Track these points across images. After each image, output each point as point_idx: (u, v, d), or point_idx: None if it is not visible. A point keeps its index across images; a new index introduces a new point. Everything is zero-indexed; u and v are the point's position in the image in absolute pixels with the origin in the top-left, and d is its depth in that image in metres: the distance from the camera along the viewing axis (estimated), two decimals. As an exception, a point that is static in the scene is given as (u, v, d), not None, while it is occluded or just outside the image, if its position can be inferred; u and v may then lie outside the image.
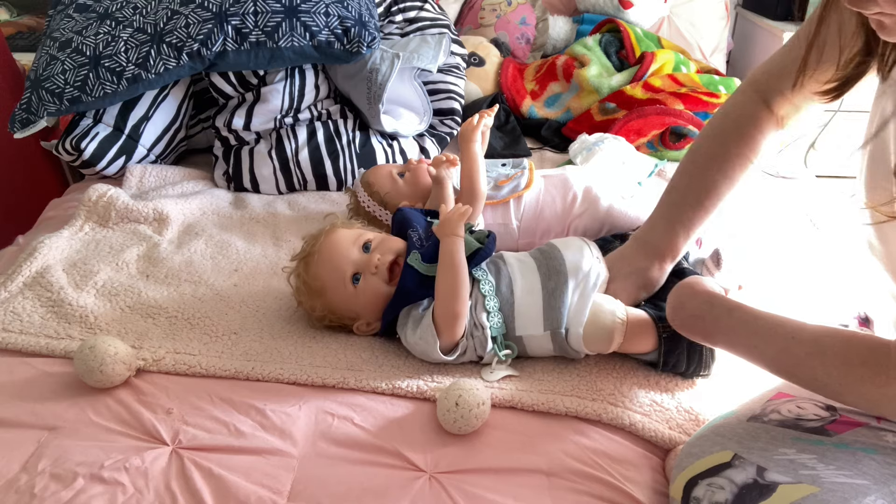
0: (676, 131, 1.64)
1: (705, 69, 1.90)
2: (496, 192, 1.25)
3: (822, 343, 0.72)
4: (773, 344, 0.75)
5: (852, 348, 0.70)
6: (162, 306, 1.08)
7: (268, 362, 0.96)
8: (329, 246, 1.01)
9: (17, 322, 1.02)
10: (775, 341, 0.75)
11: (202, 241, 1.29)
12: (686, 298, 0.87)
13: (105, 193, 1.33)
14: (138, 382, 0.92)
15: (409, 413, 0.88)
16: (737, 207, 1.39)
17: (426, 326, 0.93)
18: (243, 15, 1.42)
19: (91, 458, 0.80)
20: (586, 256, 0.99)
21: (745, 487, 0.69)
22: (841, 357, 0.70)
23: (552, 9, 2.22)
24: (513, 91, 1.86)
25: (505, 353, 0.95)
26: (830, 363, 0.70)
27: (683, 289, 0.88)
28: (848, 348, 0.70)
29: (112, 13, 1.45)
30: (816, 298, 1.12)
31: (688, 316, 0.85)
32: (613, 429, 0.87)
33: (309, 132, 1.54)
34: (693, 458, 0.76)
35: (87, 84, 1.39)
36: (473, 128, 1.20)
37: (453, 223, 0.95)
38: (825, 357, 0.71)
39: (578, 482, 0.79)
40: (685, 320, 0.86)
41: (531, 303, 0.95)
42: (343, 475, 0.79)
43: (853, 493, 0.65)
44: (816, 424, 0.75)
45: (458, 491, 0.77)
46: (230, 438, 0.84)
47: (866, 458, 0.69)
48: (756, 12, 2.27)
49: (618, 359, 0.97)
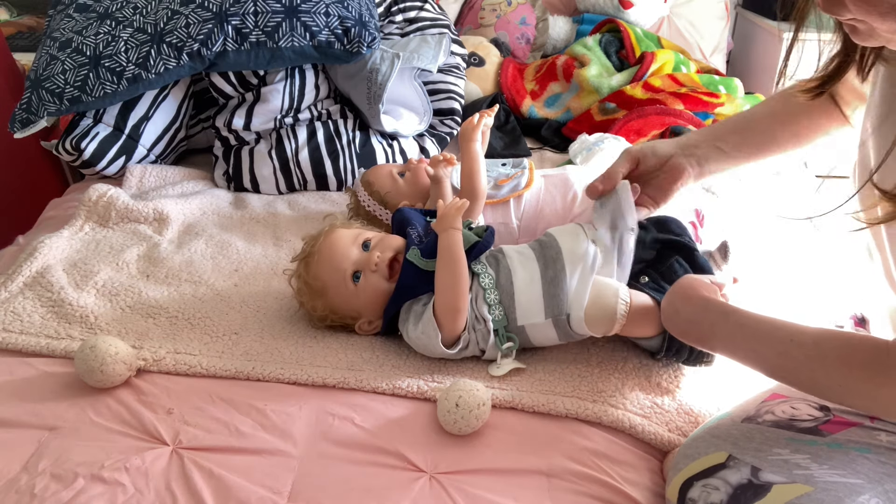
0: (676, 131, 1.64)
1: (705, 69, 1.90)
2: (496, 191, 1.25)
3: (821, 346, 0.72)
4: (772, 347, 0.75)
5: (852, 350, 0.70)
6: (162, 306, 1.08)
7: (268, 362, 0.96)
8: (329, 245, 1.01)
9: (17, 322, 1.02)
10: (774, 345, 0.75)
11: (202, 241, 1.29)
12: (680, 304, 0.86)
13: (105, 193, 1.33)
14: (139, 382, 0.92)
15: (409, 413, 0.89)
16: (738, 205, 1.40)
17: (427, 320, 0.94)
18: (243, 15, 1.42)
19: (91, 458, 0.80)
20: (581, 240, 0.98)
21: (739, 488, 0.70)
22: (841, 359, 0.70)
23: (552, 9, 2.22)
24: (513, 91, 1.86)
25: (507, 345, 0.95)
26: (831, 365, 0.70)
27: (677, 294, 0.87)
28: (848, 350, 0.70)
29: (112, 13, 1.45)
30: (813, 298, 1.12)
31: (683, 321, 0.85)
32: (613, 430, 0.87)
33: (309, 132, 1.54)
34: (688, 460, 0.76)
35: (88, 84, 1.39)
36: (474, 127, 1.20)
37: (451, 217, 0.96)
38: (826, 360, 0.70)
39: (578, 483, 0.79)
40: (681, 325, 0.85)
41: (531, 292, 0.95)
42: (343, 475, 0.79)
43: (847, 491, 0.65)
44: (810, 425, 0.75)
45: (459, 491, 0.77)
46: (230, 438, 0.84)
47: (860, 458, 0.70)
48: (756, 12, 2.27)
49: (620, 359, 0.97)
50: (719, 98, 1.68)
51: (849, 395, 0.70)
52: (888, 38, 0.60)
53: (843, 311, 1.01)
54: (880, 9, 0.56)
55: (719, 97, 1.69)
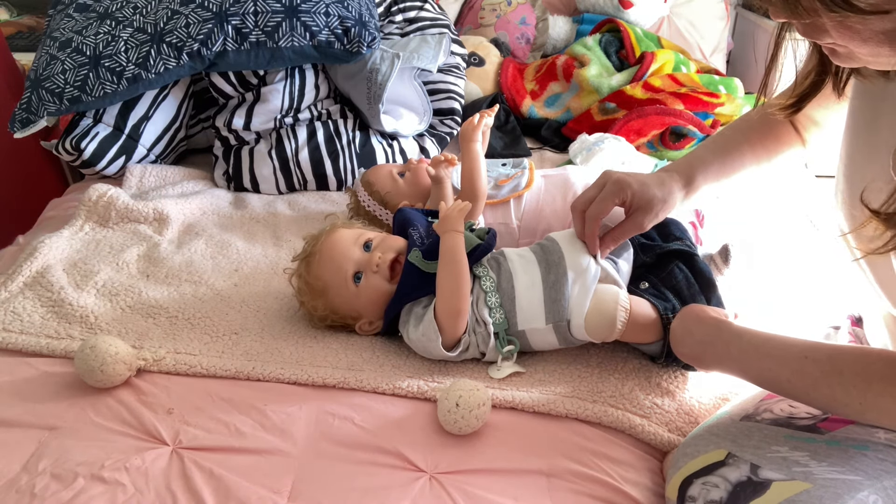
0: (676, 131, 1.64)
1: (705, 69, 1.90)
2: (496, 191, 1.25)
3: (837, 361, 0.71)
4: (787, 365, 0.74)
5: (868, 363, 0.69)
6: (162, 306, 1.08)
7: (268, 362, 0.96)
8: (330, 245, 1.01)
9: (17, 322, 1.02)
10: (789, 363, 0.74)
11: (202, 240, 1.29)
12: (693, 325, 0.86)
13: (105, 193, 1.33)
14: (139, 382, 0.92)
15: (409, 413, 0.89)
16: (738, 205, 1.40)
17: (428, 323, 0.94)
18: (243, 15, 1.42)
19: (91, 457, 0.80)
20: (583, 251, 0.98)
21: (739, 485, 0.70)
22: (859, 373, 0.69)
23: (552, 9, 2.22)
24: (513, 91, 1.86)
25: (508, 348, 0.95)
26: (849, 381, 0.69)
27: (688, 316, 0.87)
28: (864, 364, 0.69)
29: (112, 13, 1.45)
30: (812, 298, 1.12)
31: (696, 343, 0.84)
32: (613, 431, 0.87)
33: (309, 132, 1.55)
34: (687, 458, 0.76)
35: (87, 84, 1.39)
36: (474, 127, 1.20)
37: (453, 219, 0.95)
38: (843, 375, 0.69)
39: (578, 483, 0.79)
40: (694, 347, 0.85)
41: (532, 297, 0.95)
42: (343, 475, 0.80)
43: (846, 488, 0.66)
44: (808, 422, 0.76)
45: (459, 491, 0.77)
46: (231, 438, 0.84)
47: (858, 455, 0.70)
48: (756, 12, 2.27)
49: (620, 360, 0.97)
50: (719, 98, 1.68)
51: (870, 409, 0.69)
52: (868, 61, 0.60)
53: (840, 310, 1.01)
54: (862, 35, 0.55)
55: (719, 97, 1.69)
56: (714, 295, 0.97)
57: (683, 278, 0.98)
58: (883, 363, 0.68)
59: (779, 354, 0.76)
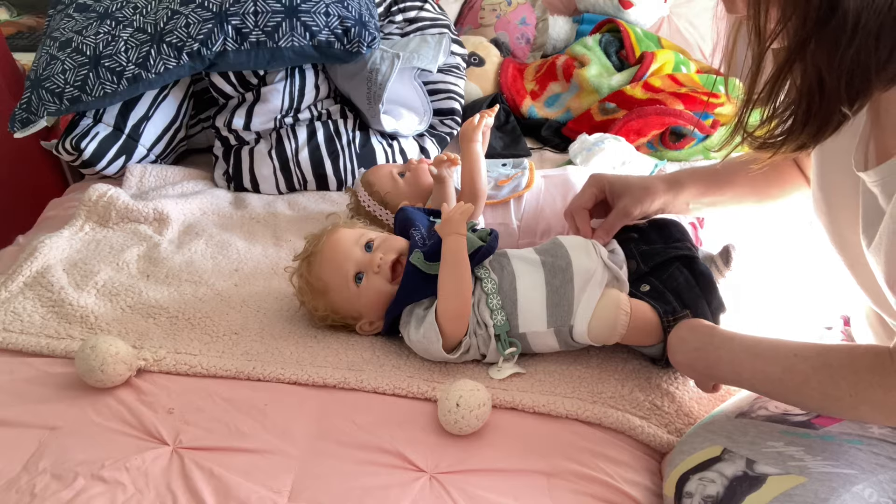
0: (676, 131, 1.64)
1: (705, 69, 1.90)
2: (496, 191, 1.25)
3: (826, 356, 0.72)
4: (777, 364, 0.75)
5: (856, 356, 0.70)
6: (162, 306, 1.08)
7: (268, 362, 0.96)
8: (331, 245, 1.01)
9: (17, 322, 1.02)
10: (779, 361, 0.75)
11: (202, 241, 1.29)
12: (686, 333, 0.87)
13: (105, 193, 1.33)
14: (139, 382, 0.92)
15: (409, 413, 0.89)
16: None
17: (429, 324, 0.94)
18: (243, 15, 1.42)
19: (92, 457, 0.80)
20: (592, 257, 0.98)
21: (735, 480, 0.71)
22: (847, 367, 0.70)
23: (552, 9, 2.22)
24: (513, 91, 1.86)
25: (509, 350, 0.95)
26: (839, 374, 0.70)
27: (683, 326, 0.89)
28: (852, 358, 0.70)
29: (112, 13, 1.45)
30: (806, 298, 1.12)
31: (691, 350, 0.85)
32: (613, 431, 0.87)
33: (309, 132, 1.55)
34: (684, 455, 0.77)
35: (88, 84, 1.39)
36: (474, 127, 1.20)
37: (456, 221, 0.95)
38: (832, 369, 0.70)
39: (578, 483, 0.80)
40: (688, 354, 0.86)
41: (534, 300, 0.95)
42: (344, 475, 0.80)
43: (841, 482, 0.67)
44: (803, 418, 0.77)
45: (459, 491, 0.77)
46: (231, 438, 0.84)
47: (853, 449, 0.71)
48: (756, 12, 2.27)
49: (620, 361, 0.97)
50: (719, 98, 1.68)
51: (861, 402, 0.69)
52: None
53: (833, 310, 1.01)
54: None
55: (719, 97, 1.69)
56: (715, 296, 0.97)
57: (684, 280, 0.98)
58: (870, 355, 0.69)
59: (769, 354, 0.77)
